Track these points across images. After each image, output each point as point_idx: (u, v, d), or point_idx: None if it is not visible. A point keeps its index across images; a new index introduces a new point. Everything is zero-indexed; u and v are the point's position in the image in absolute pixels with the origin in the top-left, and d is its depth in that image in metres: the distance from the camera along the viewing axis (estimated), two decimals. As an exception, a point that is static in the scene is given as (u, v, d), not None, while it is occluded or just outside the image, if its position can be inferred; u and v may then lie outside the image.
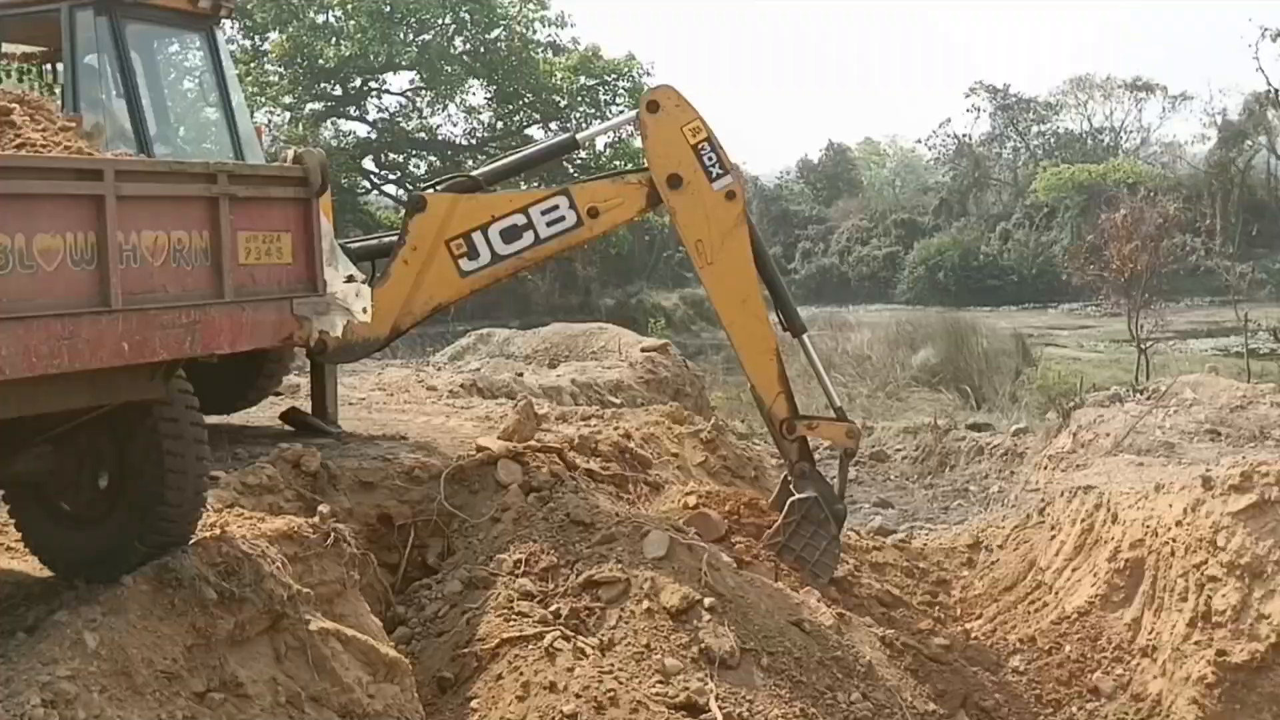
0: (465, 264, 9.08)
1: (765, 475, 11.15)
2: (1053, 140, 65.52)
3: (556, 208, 9.08)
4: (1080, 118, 66.58)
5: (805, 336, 9.54)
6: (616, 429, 10.29)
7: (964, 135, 64.99)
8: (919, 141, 75.22)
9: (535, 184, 13.33)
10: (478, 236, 9.05)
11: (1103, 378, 20.25)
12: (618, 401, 14.26)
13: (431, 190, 9.54)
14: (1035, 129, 65.73)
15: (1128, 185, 45.40)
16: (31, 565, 5.90)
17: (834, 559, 8.86)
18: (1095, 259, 23.03)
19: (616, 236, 37.30)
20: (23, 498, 5.74)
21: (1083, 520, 9.32)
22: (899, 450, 16.76)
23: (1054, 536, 9.64)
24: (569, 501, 8.15)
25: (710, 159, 8.90)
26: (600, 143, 31.69)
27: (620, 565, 7.48)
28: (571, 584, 7.46)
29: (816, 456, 9.46)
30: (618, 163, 29.27)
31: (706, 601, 7.35)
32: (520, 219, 9.07)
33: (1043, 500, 10.39)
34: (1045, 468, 12.29)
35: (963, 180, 63.12)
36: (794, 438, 8.97)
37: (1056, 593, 9.07)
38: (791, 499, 8.89)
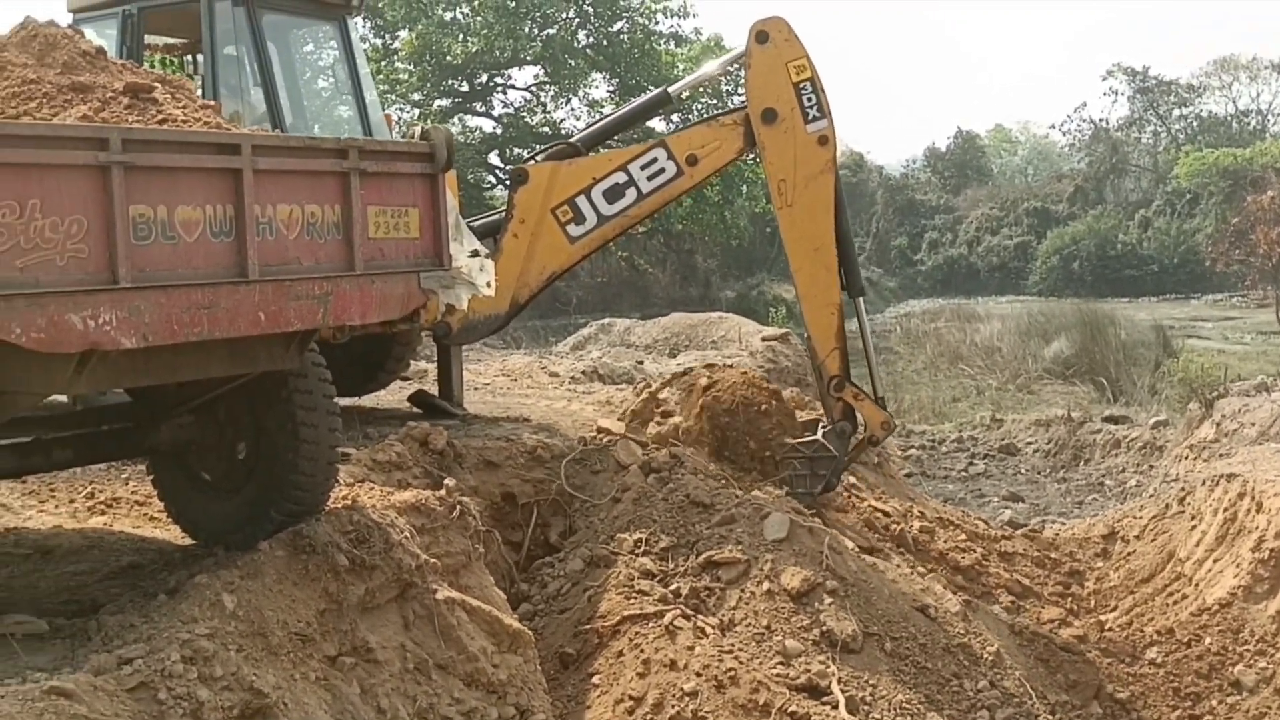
0: (573, 229, 9.15)
1: (888, 462, 10.95)
2: (1195, 124, 62.70)
3: (655, 160, 9.09)
4: (1225, 100, 63.62)
5: (860, 301, 9.34)
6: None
7: (1101, 120, 62.71)
8: (1053, 127, 72.93)
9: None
10: (581, 201, 9.12)
11: (1249, 370, 19.33)
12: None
13: (532, 162, 9.63)
14: (1177, 112, 62.97)
15: (1276, 169, 43.17)
16: (174, 534, 6.15)
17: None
18: (1240, 244, 21.97)
19: (737, 228, 37.14)
20: (166, 467, 5.98)
21: (1225, 509, 8.90)
22: (1030, 444, 16.27)
23: (1194, 526, 9.23)
24: (688, 482, 8.13)
25: (810, 99, 8.77)
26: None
27: (740, 546, 7.43)
28: (691, 564, 7.44)
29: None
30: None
31: (828, 584, 7.25)
32: (621, 177, 9.11)
33: (1183, 489, 9.96)
34: (1186, 458, 11.78)
35: (1099, 166, 60.87)
36: (839, 396, 8.83)
37: (1196, 584, 8.69)
38: (822, 433, 8.85)
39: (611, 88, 38.22)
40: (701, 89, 28.28)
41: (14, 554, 5.77)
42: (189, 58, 10.06)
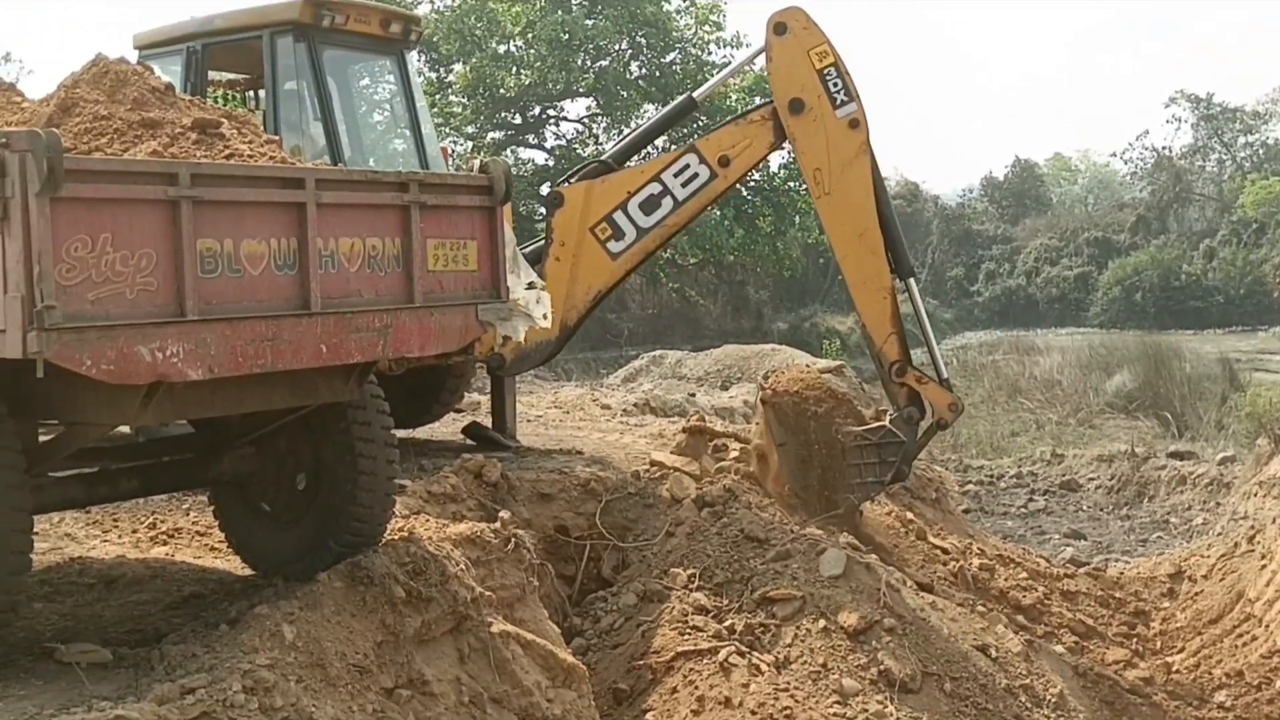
0: (613, 245, 9.16)
1: (947, 498, 10.79)
2: (1262, 151, 61.41)
3: (688, 166, 9.08)
4: (1293, 127, 62.38)
5: (911, 281, 9.19)
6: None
7: (1163, 148, 61.60)
8: (1114, 155, 71.93)
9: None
10: (619, 216, 9.13)
11: (1320, 405, 18.85)
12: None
13: (566, 184, 9.66)
14: (1242, 140, 61.77)
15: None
16: (234, 564, 6.20)
17: (861, 499, 8.72)
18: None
19: (790, 259, 37.02)
20: (227, 498, 6.04)
21: (1298, 550, 8.67)
22: (1092, 479, 15.96)
23: (1265, 565, 9.00)
24: (742, 517, 8.06)
25: (835, 85, 8.70)
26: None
27: (796, 582, 7.34)
28: (746, 600, 7.36)
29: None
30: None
31: (886, 622, 7.13)
32: (655, 188, 9.11)
33: (1252, 527, 9.71)
34: (1255, 495, 11.47)
35: (1162, 195, 59.83)
36: (902, 382, 8.68)
37: (1267, 625, 8.45)
38: (889, 420, 8.70)
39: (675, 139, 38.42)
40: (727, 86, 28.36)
41: (79, 583, 5.85)
42: (250, 92, 10.23)
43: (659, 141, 16.39)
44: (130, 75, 4.96)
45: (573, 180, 9.65)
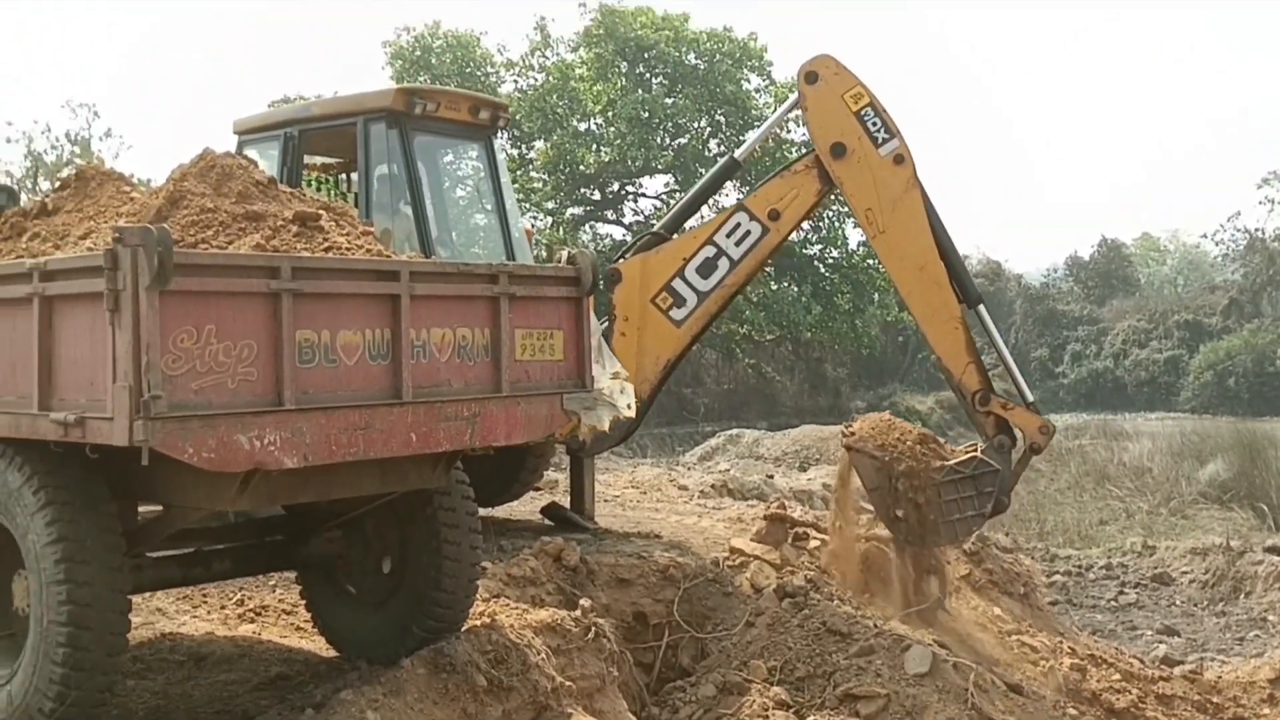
0: (676, 313, 9.21)
1: (1035, 592, 10.50)
2: (1361, 232, 59.80)
3: (739, 225, 9.12)
4: (1393, 208, 60.58)
5: (982, 308, 9.02)
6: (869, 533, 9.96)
7: (1256, 229, 60.20)
8: (1204, 236, 70.55)
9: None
10: (677, 283, 9.18)
11: None
12: (872, 508, 13.85)
13: (621, 260, 9.74)
14: (1340, 220, 60.23)
15: None
16: (319, 644, 6.24)
17: (965, 534, 8.49)
18: None
19: (868, 336, 36.78)
20: (314, 579, 6.11)
21: None
22: (1185, 573, 15.39)
23: (1373, 673, 8.56)
24: (825, 609, 7.92)
25: (874, 124, 8.69)
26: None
27: (880, 680, 7.16)
28: (828, 696, 7.19)
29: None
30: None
31: (974, 723, 6.91)
32: (710, 251, 9.16)
33: (1359, 632, 9.27)
34: (1360, 596, 10.98)
35: (1255, 278, 58.26)
36: (987, 411, 8.51)
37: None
38: (981, 450, 8.47)
39: (741, 194, 38.73)
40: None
41: (170, 660, 5.93)
42: (343, 175, 10.53)
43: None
44: (235, 169, 5.14)
45: (628, 255, 9.76)
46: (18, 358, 4.62)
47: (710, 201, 18.62)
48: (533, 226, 33.00)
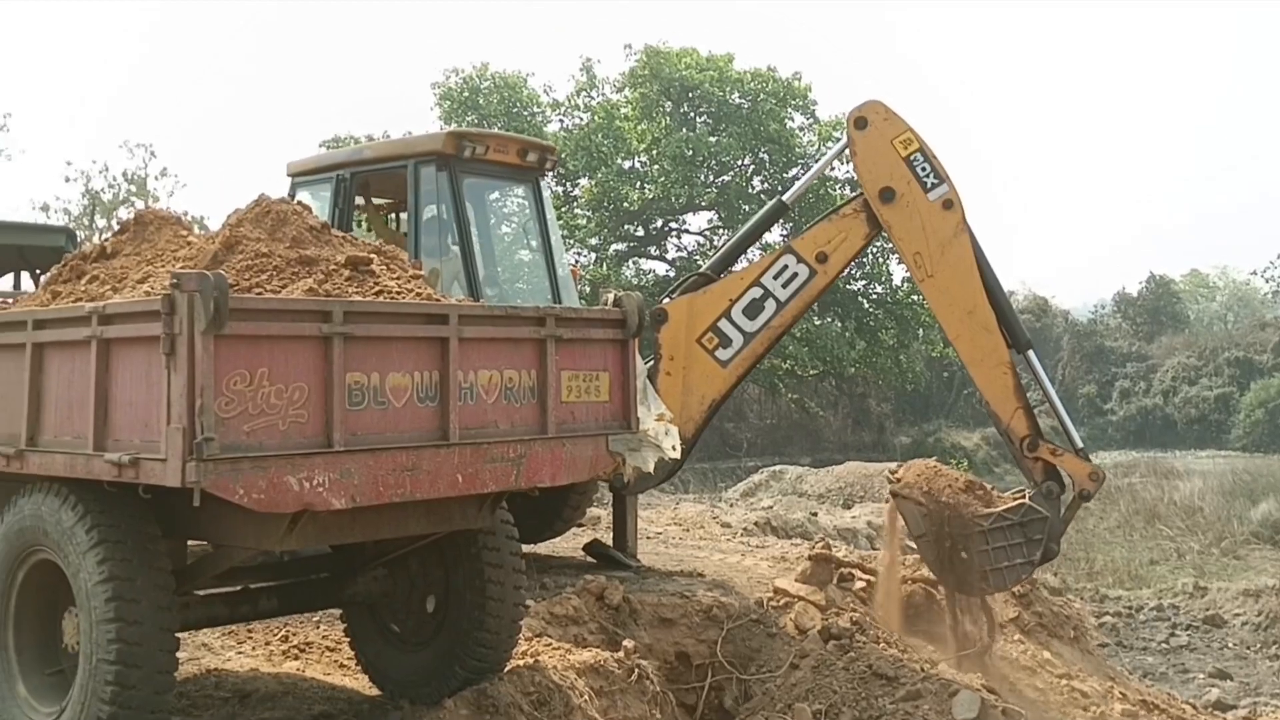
0: (722, 354, 9.22)
1: (1085, 636, 10.33)
2: None
3: (786, 267, 9.14)
4: None
5: (1031, 354, 8.96)
6: (915, 575, 9.87)
7: (1309, 265, 59.43)
8: (1254, 273, 69.69)
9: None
10: (724, 324, 9.21)
11: None
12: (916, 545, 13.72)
13: (667, 299, 9.77)
14: (1396, 256, 59.14)
15: None
16: (362, 682, 6.27)
17: (1012, 582, 8.39)
18: None
19: (913, 372, 36.54)
20: (359, 618, 6.15)
21: None
22: (1238, 615, 15.11)
23: None
24: (870, 651, 7.84)
25: (924, 169, 8.73)
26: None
27: (926, 724, 7.07)
28: (874, 740, 7.11)
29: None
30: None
31: (1022, 771, 6.80)
32: (756, 292, 9.19)
33: None
34: None
35: (1307, 315, 57.45)
36: (1036, 456, 8.46)
37: None
38: (1030, 496, 8.38)
39: (784, 232, 38.79)
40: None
41: (215, 696, 5.99)
42: (393, 215, 10.69)
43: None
44: (290, 215, 5.24)
45: (674, 295, 9.81)
46: (75, 399, 4.72)
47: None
48: (576, 263, 33.26)
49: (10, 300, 7.02)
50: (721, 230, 38.83)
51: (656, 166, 35.60)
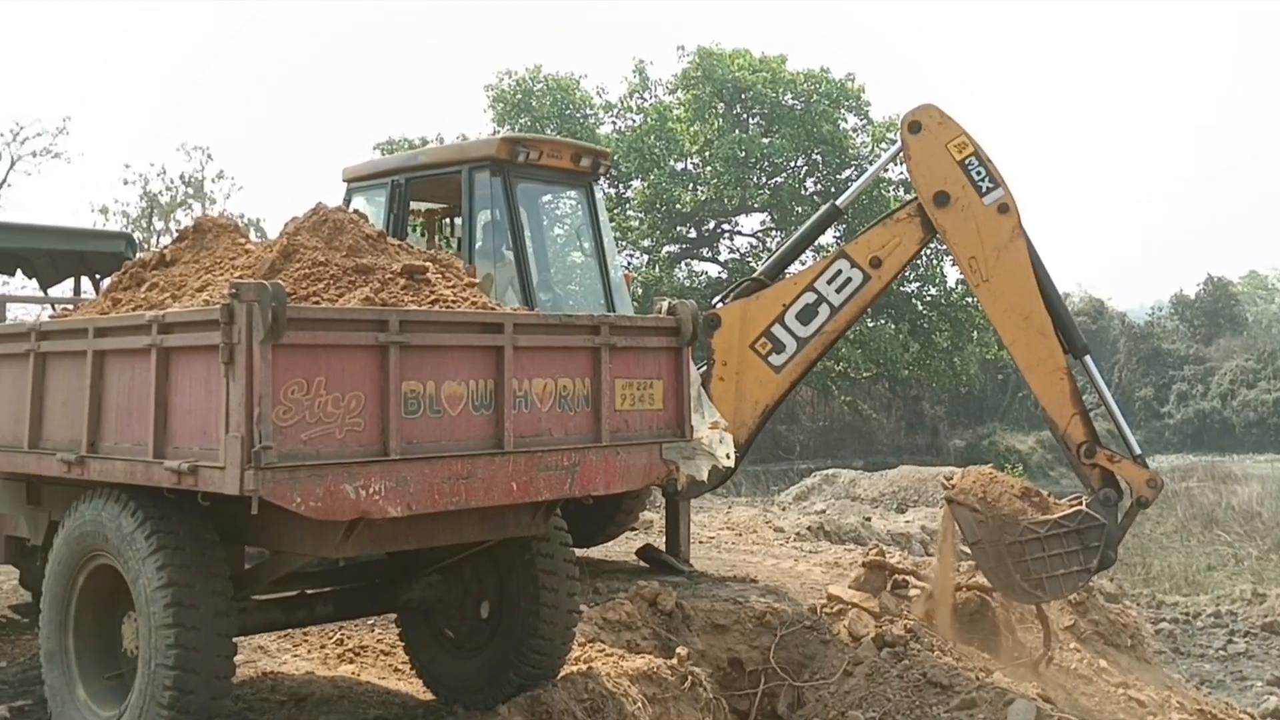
0: (775, 359, 9.17)
1: (1142, 644, 10.13)
2: None
3: (840, 272, 9.08)
4: None
5: (1088, 359, 8.80)
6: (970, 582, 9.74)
7: (1367, 266, 58.02)
8: (1316, 274, 68.24)
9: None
10: (777, 329, 9.17)
11: None
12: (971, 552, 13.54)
13: (721, 304, 9.72)
14: None
15: None
16: (416, 687, 6.30)
17: (1069, 589, 8.26)
18: None
19: (967, 375, 36.13)
20: (413, 623, 6.19)
21: None
22: (1297, 622, 14.77)
23: None
24: (925, 660, 7.75)
25: (979, 173, 8.63)
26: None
27: (982, 735, 6.97)
28: (929, 749, 7.03)
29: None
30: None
31: (1081, 784, 6.69)
32: (810, 297, 9.14)
33: None
34: None
35: (1366, 316, 56.08)
36: (1093, 463, 8.31)
37: None
38: (1086, 503, 8.24)
39: (837, 234, 38.52)
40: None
41: (270, 700, 6.04)
42: (447, 220, 10.75)
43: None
44: (347, 223, 5.28)
45: (727, 300, 9.76)
46: (134, 406, 4.79)
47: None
48: (629, 266, 33.27)
49: (71, 307, 7.15)
50: (774, 232, 38.66)
51: (709, 168, 35.53)
